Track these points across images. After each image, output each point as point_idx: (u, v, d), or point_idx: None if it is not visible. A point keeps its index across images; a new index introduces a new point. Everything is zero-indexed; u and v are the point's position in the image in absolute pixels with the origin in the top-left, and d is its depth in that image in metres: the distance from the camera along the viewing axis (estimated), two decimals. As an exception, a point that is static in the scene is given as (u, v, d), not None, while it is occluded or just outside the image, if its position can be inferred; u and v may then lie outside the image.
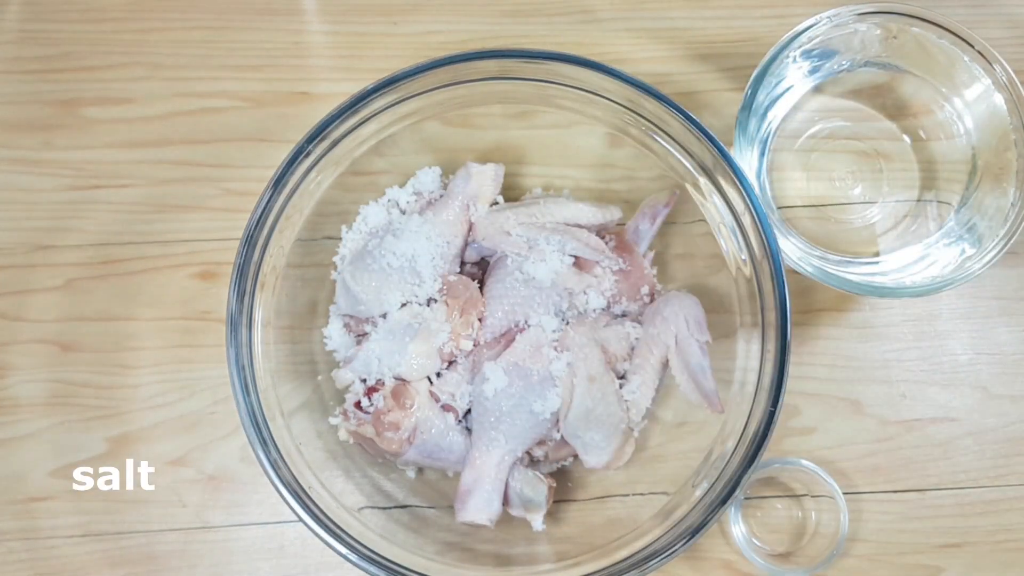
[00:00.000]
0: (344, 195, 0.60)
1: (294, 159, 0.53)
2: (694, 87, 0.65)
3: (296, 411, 0.57)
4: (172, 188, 0.63)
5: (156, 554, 0.59)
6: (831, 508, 0.59)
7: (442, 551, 0.56)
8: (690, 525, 0.51)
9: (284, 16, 0.66)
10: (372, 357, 0.56)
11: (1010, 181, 0.59)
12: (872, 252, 0.63)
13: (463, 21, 0.66)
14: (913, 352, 0.63)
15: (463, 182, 0.59)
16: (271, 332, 0.56)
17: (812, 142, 0.64)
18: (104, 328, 0.62)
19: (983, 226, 0.60)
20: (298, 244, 0.58)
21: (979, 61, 0.59)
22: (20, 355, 0.61)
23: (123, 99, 0.64)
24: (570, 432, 0.56)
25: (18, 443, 0.60)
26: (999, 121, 0.60)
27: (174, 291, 0.62)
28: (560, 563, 0.55)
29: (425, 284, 0.57)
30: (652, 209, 0.60)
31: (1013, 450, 0.62)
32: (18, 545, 0.59)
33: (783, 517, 0.61)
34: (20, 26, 0.65)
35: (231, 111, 0.64)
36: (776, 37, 0.59)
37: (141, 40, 0.65)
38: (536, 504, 0.56)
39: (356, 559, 0.51)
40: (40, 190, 0.63)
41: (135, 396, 0.61)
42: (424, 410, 0.56)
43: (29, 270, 0.62)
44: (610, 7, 0.66)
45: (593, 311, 0.59)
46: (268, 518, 0.60)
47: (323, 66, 0.65)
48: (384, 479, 0.59)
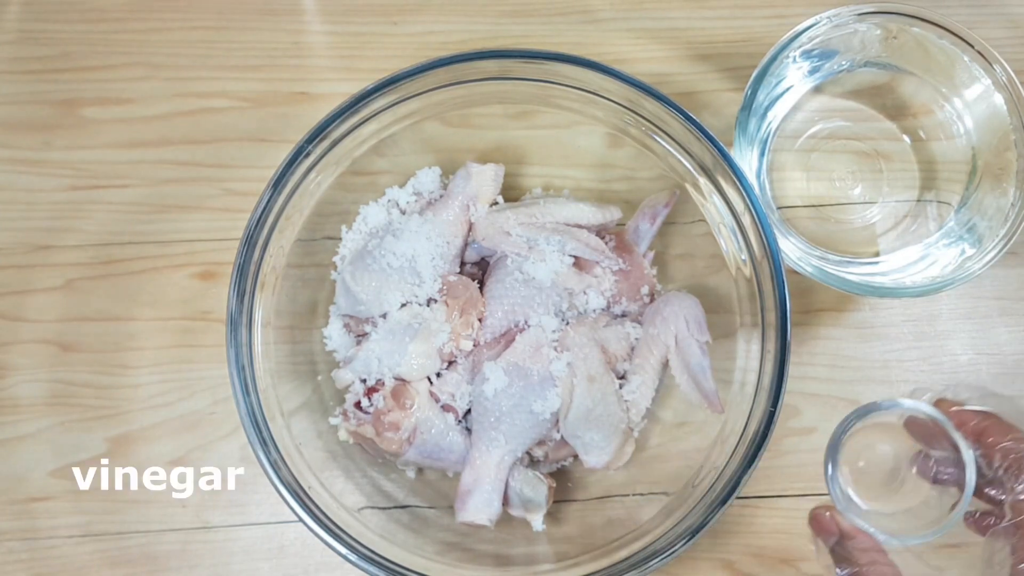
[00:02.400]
0: (344, 195, 0.60)
1: (294, 159, 0.53)
2: (694, 87, 0.65)
3: (296, 411, 0.57)
4: (172, 188, 0.63)
5: (156, 554, 0.59)
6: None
7: (442, 551, 0.56)
8: (690, 525, 0.51)
9: (284, 16, 0.66)
10: (372, 357, 0.56)
11: (1010, 181, 0.59)
12: (872, 252, 0.63)
13: (463, 21, 0.66)
14: (913, 352, 0.63)
15: (463, 182, 0.59)
16: (271, 332, 0.56)
17: (812, 142, 0.64)
18: (104, 328, 0.62)
19: (983, 226, 0.60)
20: (298, 244, 0.58)
21: (979, 61, 0.59)
22: (20, 355, 0.61)
23: (123, 99, 0.64)
24: (570, 432, 0.56)
25: (18, 443, 0.60)
26: (999, 121, 0.60)
27: (174, 291, 0.62)
28: (560, 563, 0.55)
29: (425, 284, 0.57)
30: (652, 209, 0.60)
31: (1013, 450, 0.62)
32: (18, 545, 0.59)
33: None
34: (20, 26, 0.65)
35: (231, 111, 0.64)
36: (776, 37, 0.59)
37: (141, 40, 0.65)
38: (536, 504, 0.56)
39: (356, 559, 0.51)
40: (40, 190, 0.63)
41: (135, 396, 0.61)
42: (424, 410, 0.56)
43: (29, 270, 0.62)
44: (610, 7, 0.66)
45: (593, 311, 0.59)
46: (268, 518, 0.60)
47: (323, 66, 0.65)
48: (384, 479, 0.59)
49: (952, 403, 0.46)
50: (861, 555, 0.43)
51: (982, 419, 0.45)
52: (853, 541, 0.44)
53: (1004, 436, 0.44)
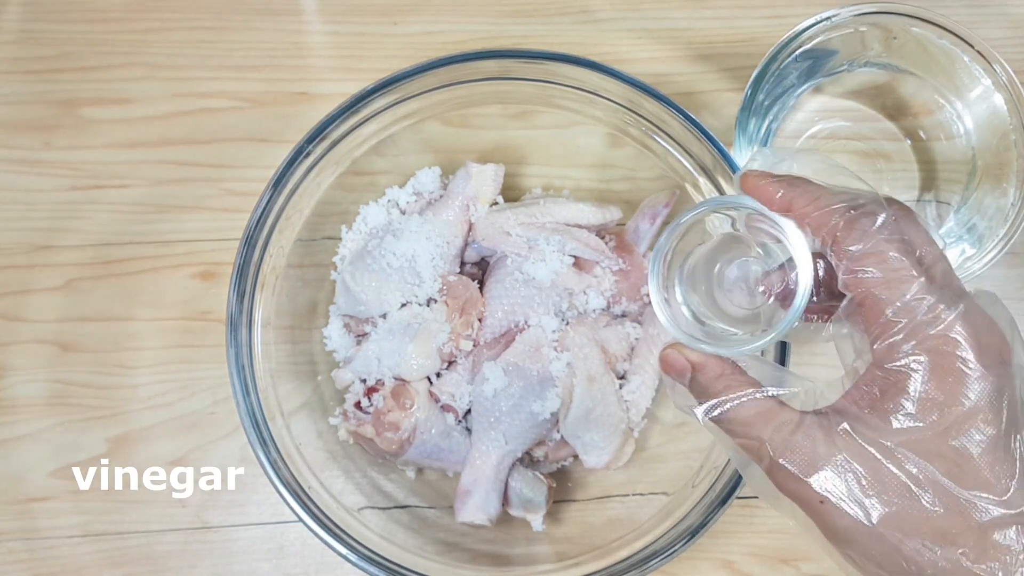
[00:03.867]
0: (344, 195, 0.60)
1: (294, 159, 0.53)
2: (694, 87, 0.65)
3: (296, 411, 0.57)
4: (172, 188, 0.63)
5: (156, 554, 0.59)
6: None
7: (442, 551, 0.56)
8: (690, 525, 0.51)
9: (284, 16, 0.66)
10: (372, 357, 0.56)
11: (1010, 181, 0.59)
12: (872, 252, 0.63)
13: (463, 21, 0.66)
14: (913, 352, 0.63)
15: (463, 182, 0.59)
16: (271, 332, 0.56)
17: (812, 142, 0.64)
18: (104, 328, 0.62)
19: (983, 226, 0.60)
20: (298, 244, 0.58)
21: (979, 61, 0.59)
22: (20, 355, 0.61)
23: (123, 99, 0.64)
24: (570, 432, 0.56)
25: (18, 443, 0.60)
26: (999, 121, 0.60)
27: (174, 291, 0.62)
28: (560, 563, 0.55)
29: (425, 284, 0.57)
30: (652, 209, 0.60)
31: (1013, 450, 0.62)
32: (18, 545, 0.59)
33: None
34: (20, 26, 0.65)
35: (231, 111, 0.64)
36: (776, 37, 0.59)
37: (141, 40, 0.65)
38: (536, 504, 0.56)
39: (356, 559, 0.51)
40: (40, 190, 0.63)
41: (135, 396, 0.61)
42: (424, 410, 0.56)
43: (29, 270, 0.62)
44: (610, 7, 0.66)
45: (593, 311, 0.59)
46: (268, 518, 0.60)
47: (323, 66, 0.65)
48: (384, 479, 0.59)
49: (757, 176, 0.38)
50: (716, 383, 0.38)
51: (787, 189, 0.37)
52: (703, 372, 0.39)
53: (812, 203, 0.37)
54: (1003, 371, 0.34)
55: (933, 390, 0.33)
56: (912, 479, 0.33)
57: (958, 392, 0.33)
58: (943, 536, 0.32)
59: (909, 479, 0.33)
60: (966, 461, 0.33)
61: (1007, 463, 0.33)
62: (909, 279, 0.34)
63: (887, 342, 0.34)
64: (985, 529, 0.32)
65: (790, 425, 0.35)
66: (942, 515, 0.33)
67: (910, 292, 0.34)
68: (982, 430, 0.33)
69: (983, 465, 0.33)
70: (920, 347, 0.34)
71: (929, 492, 0.33)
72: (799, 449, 0.35)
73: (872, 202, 0.36)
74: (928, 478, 0.33)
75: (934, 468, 0.33)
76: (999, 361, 0.34)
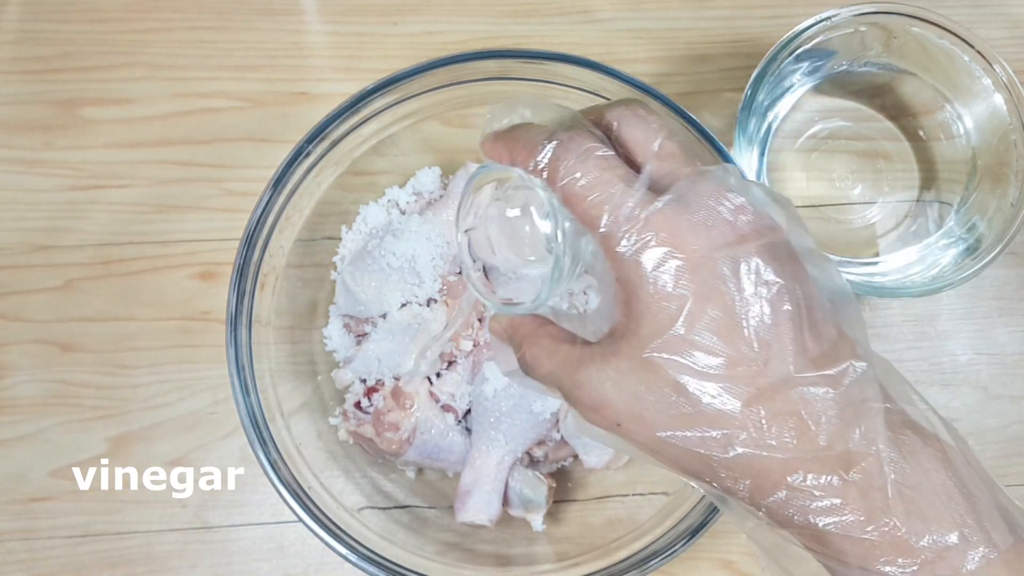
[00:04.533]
0: (344, 195, 0.60)
1: (294, 159, 0.53)
2: (694, 87, 0.65)
3: (296, 411, 0.57)
4: (172, 188, 0.63)
5: (156, 554, 0.59)
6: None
7: (442, 551, 0.56)
8: (690, 525, 0.51)
9: (284, 16, 0.66)
10: (372, 357, 0.56)
11: (1010, 181, 0.59)
12: (872, 252, 0.63)
13: (463, 21, 0.66)
14: (913, 352, 0.63)
15: (463, 182, 0.59)
16: (271, 332, 0.56)
17: (812, 142, 0.64)
18: (104, 328, 0.62)
19: (983, 226, 0.60)
20: (298, 244, 0.58)
21: (979, 61, 0.59)
22: (20, 355, 0.61)
23: (123, 99, 0.64)
24: (570, 432, 0.56)
25: (18, 443, 0.60)
26: (999, 121, 0.60)
27: (174, 291, 0.62)
28: (560, 563, 0.55)
29: (425, 284, 0.57)
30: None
31: (1013, 450, 0.62)
32: (18, 545, 0.59)
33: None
34: (20, 26, 0.65)
35: (231, 111, 0.64)
36: (776, 37, 0.59)
37: (141, 40, 0.65)
38: (536, 504, 0.56)
39: (356, 559, 0.51)
40: (40, 190, 0.63)
41: (135, 396, 0.61)
42: (424, 410, 0.56)
43: (29, 270, 0.62)
44: (610, 7, 0.66)
45: (593, 311, 0.59)
46: (268, 518, 0.60)
47: (323, 66, 0.65)
48: (384, 479, 0.59)
49: (490, 140, 0.39)
50: (521, 340, 0.40)
51: (509, 141, 0.37)
52: (517, 332, 0.40)
53: (523, 147, 0.36)
54: (717, 248, 0.34)
55: (656, 291, 0.34)
56: (671, 384, 0.34)
57: (674, 290, 0.34)
58: (712, 420, 0.33)
59: (668, 385, 0.34)
60: (710, 348, 0.33)
61: (742, 336, 0.33)
62: (608, 194, 0.34)
63: (610, 255, 0.35)
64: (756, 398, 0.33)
65: (573, 361, 0.37)
66: (706, 402, 0.33)
67: (609, 206, 0.34)
68: (710, 314, 0.33)
69: (728, 346, 0.33)
70: (635, 255, 0.34)
71: (692, 383, 0.34)
72: (585, 385, 0.36)
73: (573, 125, 0.36)
74: (685, 371, 0.34)
75: (686, 362, 0.33)
76: (708, 242, 0.34)
